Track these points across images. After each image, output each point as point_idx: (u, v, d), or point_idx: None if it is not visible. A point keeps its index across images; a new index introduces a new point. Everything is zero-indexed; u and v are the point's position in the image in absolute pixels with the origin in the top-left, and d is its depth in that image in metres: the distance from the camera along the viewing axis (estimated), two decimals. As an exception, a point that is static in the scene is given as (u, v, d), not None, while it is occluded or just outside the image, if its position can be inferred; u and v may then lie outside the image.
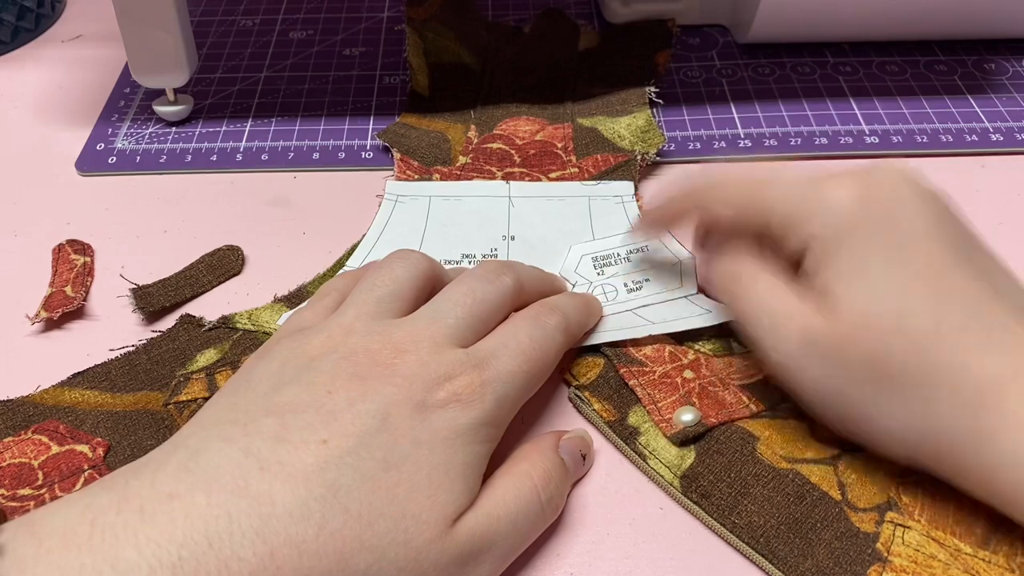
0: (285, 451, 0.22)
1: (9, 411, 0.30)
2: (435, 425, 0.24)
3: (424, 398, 0.24)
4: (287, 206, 0.39)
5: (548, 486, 0.26)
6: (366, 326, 0.26)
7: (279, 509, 0.21)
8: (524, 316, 0.28)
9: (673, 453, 0.28)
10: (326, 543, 0.21)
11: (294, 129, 0.43)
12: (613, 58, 0.46)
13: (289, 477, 0.21)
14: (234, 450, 0.22)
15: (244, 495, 0.21)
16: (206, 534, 0.20)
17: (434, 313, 0.27)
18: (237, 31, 0.50)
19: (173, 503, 0.20)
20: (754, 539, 0.26)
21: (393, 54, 0.48)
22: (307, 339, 0.26)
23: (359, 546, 0.21)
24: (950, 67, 0.46)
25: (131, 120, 0.44)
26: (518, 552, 0.25)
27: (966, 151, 0.41)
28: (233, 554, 0.20)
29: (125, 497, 0.21)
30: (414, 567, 0.22)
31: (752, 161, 0.32)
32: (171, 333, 0.33)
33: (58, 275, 0.35)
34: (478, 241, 0.36)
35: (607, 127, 0.41)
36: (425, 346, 0.25)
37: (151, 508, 0.20)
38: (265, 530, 0.20)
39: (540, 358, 0.27)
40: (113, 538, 0.20)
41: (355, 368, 0.24)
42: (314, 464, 0.22)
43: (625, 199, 0.38)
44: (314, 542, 0.21)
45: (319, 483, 0.21)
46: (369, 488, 0.22)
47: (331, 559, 0.21)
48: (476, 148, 0.41)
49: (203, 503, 0.20)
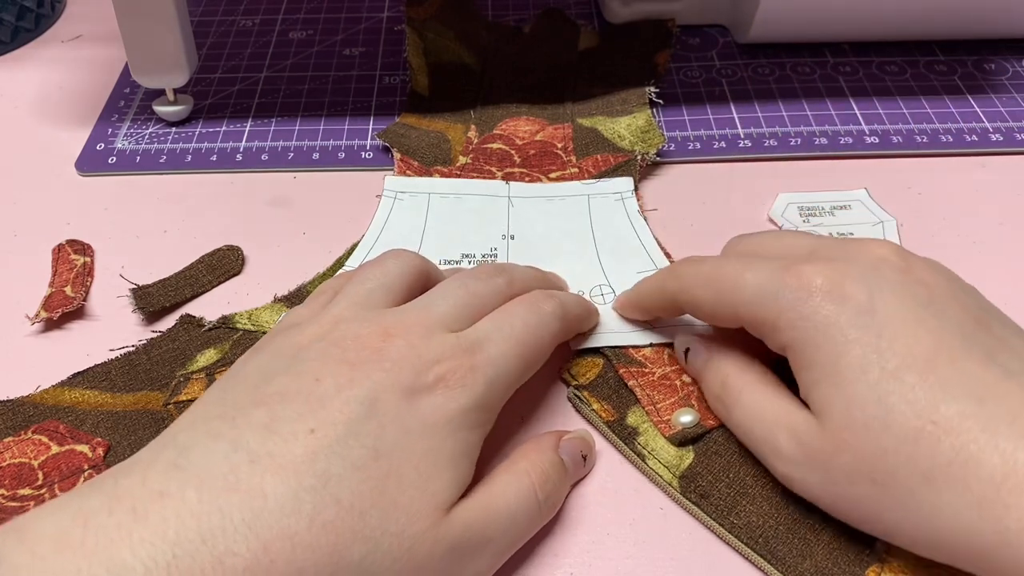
0: (274, 443, 0.22)
1: (9, 411, 0.30)
2: (424, 411, 0.24)
3: (413, 382, 0.24)
4: (287, 206, 0.39)
5: (546, 485, 0.26)
6: (355, 314, 0.26)
7: (270, 503, 0.21)
8: (520, 301, 0.28)
9: (672, 453, 0.28)
10: (319, 535, 0.21)
11: (294, 129, 0.43)
12: (613, 58, 0.46)
13: (279, 469, 0.21)
14: (223, 444, 0.22)
15: (235, 490, 0.21)
16: (199, 531, 0.20)
17: (425, 302, 0.27)
18: (237, 31, 0.50)
19: (165, 501, 0.20)
20: (753, 539, 0.26)
21: (393, 54, 0.48)
22: (299, 331, 0.26)
23: (352, 537, 0.21)
24: (950, 67, 0.46)
25: (131, 120, 0.44)
26: (514, 549, 0.25)
27: (966, 151, 0.41)
28: (227, 550, 0.20)
29: (116, 497, 0.20)
30: (408, 557, 0.22)
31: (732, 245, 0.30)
32: (171, 333, 0.33)
33: (58, 275, 0.35)
34: (478, 240, 0.36)
35: (607, 127, 0.41)
36: (415, 331, 0.25)
37: (143, 507, 0.20)
38: (257, 524, 0.20)
39: (533, 343, 0.27)
40: (107, 540, 0.19)
41: (343, 353, 0.24)
42: (303, 455, 0.22)
43: (625, 195, 0.38)
44: (307, 534, 0.21)
45: (309, 474, 0.21)
46: (359, 478, 0.22)
47: (324, 551, 0.21)
48: (476, 148, 0.41)
49: (194, 500, 0.20)
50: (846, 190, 0.39)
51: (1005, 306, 0.34)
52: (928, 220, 0.38)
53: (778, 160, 0.41)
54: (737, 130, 0.42)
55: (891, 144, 0.41)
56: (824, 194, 0.39)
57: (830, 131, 0.42)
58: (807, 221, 0.37)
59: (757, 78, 0.46)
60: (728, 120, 0.43)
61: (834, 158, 0.41)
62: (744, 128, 0.42)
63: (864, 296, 0.24)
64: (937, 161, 0.41)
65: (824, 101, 0.44)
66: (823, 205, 0.38)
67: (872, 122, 0.43)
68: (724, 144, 0.41)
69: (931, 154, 0.41)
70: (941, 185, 0.40)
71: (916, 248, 0.36)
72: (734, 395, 0.27)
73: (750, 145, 0.41)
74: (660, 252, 0.35)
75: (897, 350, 0.23)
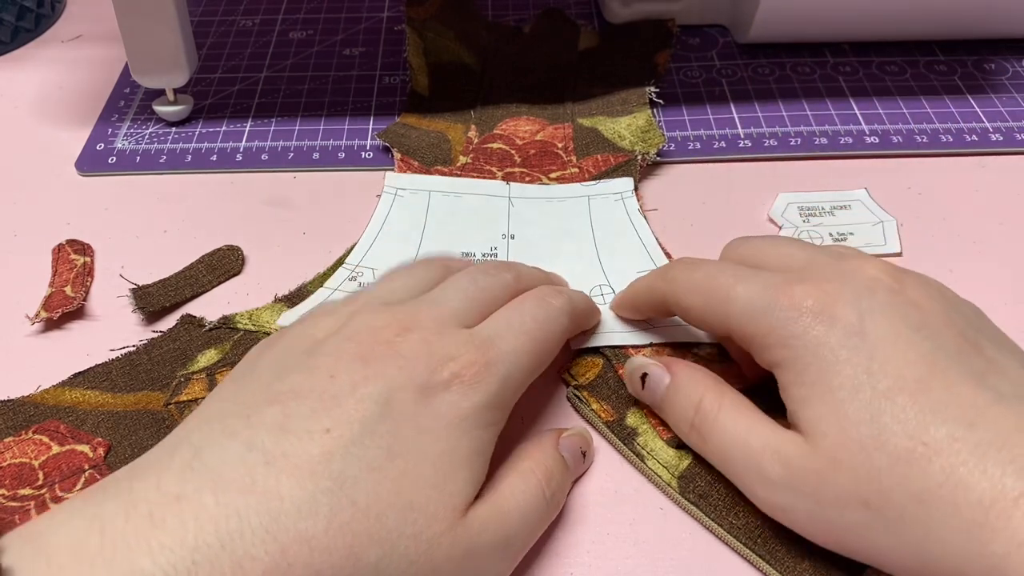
0: (289, 443, 0.22)
1: (10, 411, 0.30)
2: (439, 410, 0.23)
3: (427, 380, 0.24)
4: (287, 206, 0.39)
5: (551, 482, 0.26)
6: (372, 308, 0.26)
7: (287, 504, 0.20)
8: (528, 296, 0.28)
9: (671, 454, 0.28)
10: (336, 537, 0.21)
11: (294, 129, 0.43)
12: (613, 58, 0.46)
13: (295, 470, 0.21)
14: (238, 444, 0.22)
15: (251, 492, 0.20)
16: (217, 536, 0.20)
17: (437, 296, 0.27)
18: (237, 31, 0.50)
19: (182, 505, 0.20)
20: (752, 540, 0.26)
21: (393, 54, 0.48)
22: (315, 323, 0.26)
23: (368, 540, 0.21)
24: (950, 67, 0.46)
25: (131, 120, 0.44)
26: (527, 548, 0.25)
27: (966, 151, 0.41)
28: (246, 554, 0.20)
29: (132, 503, 0.20)
30: (426, 560, 0.22)
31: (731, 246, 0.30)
32: (172, 333, 0.33)
33: (58, 275, 0.35)
34: (478, 240, 0.36)
35: (607, 127, 0.41)
36: (429, 325, 0.25)
37: (160, 513, 0.20)
38: (275, 527, 0.20)
39: (544, 338, 0.27)
40: (125, 548, 0.19)
41: (358, 348, 0.24)
42: (319, 455, 0.21)
43: (625, 195, 0.38)
44: (324, 537, 0.20)
45: (325, 475, 0.21)
46: (375, 479, 0.22)
47: (341, 553, 0.21)
48: (476, 148, 0.41)
49: (212, 503, 0.20)
50: (846, 190, 0.39)
51: (1005, 307, 0.34)
52: (928, 220, 0.38)
53: (778, 160, 0.41)
54: (737, 130, 0.42)
55: (891, 144, 0.41)
56: (824, 194, 0.39)
57: (830, 131, 0.42)
58: (807, 221, 0.37)
59: (757, 78, 0.46)
60: (728, 120, 0.43)
61: (834, 158, 0.41)
62: (744, 128, 0.42)
63: (855, 318, 0.24)
64: (937, 161, 0.41)
65: (824, 101, 0.44)
66: (823, 205, 0.38)
67: (872, 122, 0.43)
68: (724, 144, 0.42)
69: (931, 154, 0.41)
70: (941, 185, 0.40)
71: (916, 248, 0.37)
72: (710, 419, 0.26)
73: (750, 145, 0.41)
74: (660, 252, 0.35)
75: (888, 372, 0.23)
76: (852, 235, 0.37)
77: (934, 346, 0.23)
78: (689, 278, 0.28)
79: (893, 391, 0.23)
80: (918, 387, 0.23)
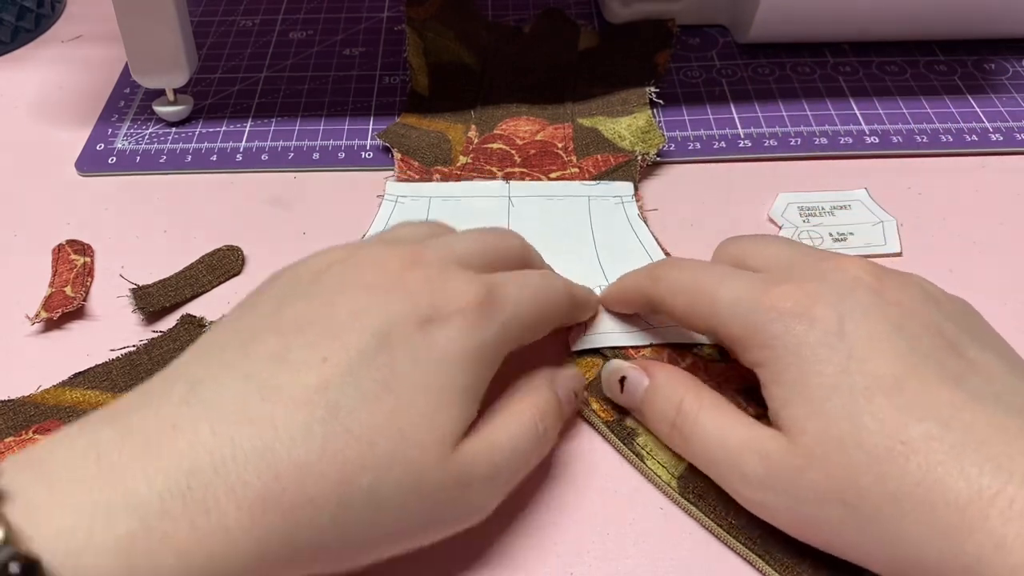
0: (286, 373, 0.22)
1: (10, 411, 0.30)
2: (437, 343, 0.24)
3: (429, 314, 0.24)
4: (287, 206, 0.39)
5: (545, 418, 0.26)
6: (380, 244, 0.26)
7: (282, 433, 0.21)
8: (533, 271, 0.29)
9: (671, 454, 0.28)
10: (329, 464, 0.21)
11: (294, 129, 0.43)
12: (613, 58, 0.46)
13: (290, 399, 0.21)
14: (235, 376, 0.22)
15: (247, 422, 0.21)
16: (211, 462, 0.20)
17: (446, 240, 0.27)
18: (237, 31, 0.50)
19: (177, 434, 0.20)
20: (751, 540, 0.26)
21: (393, 54, 0.48)
22: (321, 256, 0.26)
23: (361, 466, 0.21)
24: (950, 67, 0.46)
25: (131, 120, 0.44)
26: (517, 481, 0.26)
27: (966, 151, 0.41)
28: (239, 479, 0.20)
29: (128, 431, 0.21)
30: (417, 486, 0.22)
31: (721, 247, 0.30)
32: (172, 333, 0.33)
33: (58, 275, 0.35)
34: (478, 241, 0.36)
35: (607, 127, 0.41)
36: (435, 263, 0.25)
37: (156, 440, 0.20)
38: (269, 454, 0.20)
39: (547, 301, 0.27)
40: (122, 473, 0.20)
41: (361, 277, 0.24)
42: (315, 384, 0.22)
43: (625, 199, 0.38)
44: (317, 463, 0.21)
45: (321, 405, 0.21)
46: (370, 410, 0.22)
47: (334, 479, 0.21)
48: (476, 148, 0.41)
49: (207, 432, 0.20)
50: (846, 190, 0.39)
51: (1004, 307, 0.34)
52: (928, 220, 0.38)
53: (778, 160, 0.41)
54: (737, 130, 0.42)
55: (891, 144, 0.41)
56: (824, 194, 0.39)
57: (830, 131, 0.42)
58: (807, 221, 0.37)
59: (757, 78, 0.46)
60: (728, 120, 0.43)
61: (834, 158, 0.41)
62: (744, 128, 0.42)
63: (834, 319, 0.24)
64: (937, 161, 0.41)
65: (824, 101, 0.44)
66: (823, 205, 0.38)
67: (872, 122, 0.43)
68: (724, 144, 0.42)
69: (931, 154, 0.41)
70: (941, 185, 0.40)
71: (916, 248, 0.37)
72: (691, 420, 0.26)
73: (750, 145, 0.41)
74: (661, 252, 0.35)
75: (867, 371, 0.23)
76: (852, 235, 0.37)
77: (913, 346, 0.23)
78: (675, 278, 0.28)
79: (871, 390, 0.23)
80: (895, 386, 0.23)
